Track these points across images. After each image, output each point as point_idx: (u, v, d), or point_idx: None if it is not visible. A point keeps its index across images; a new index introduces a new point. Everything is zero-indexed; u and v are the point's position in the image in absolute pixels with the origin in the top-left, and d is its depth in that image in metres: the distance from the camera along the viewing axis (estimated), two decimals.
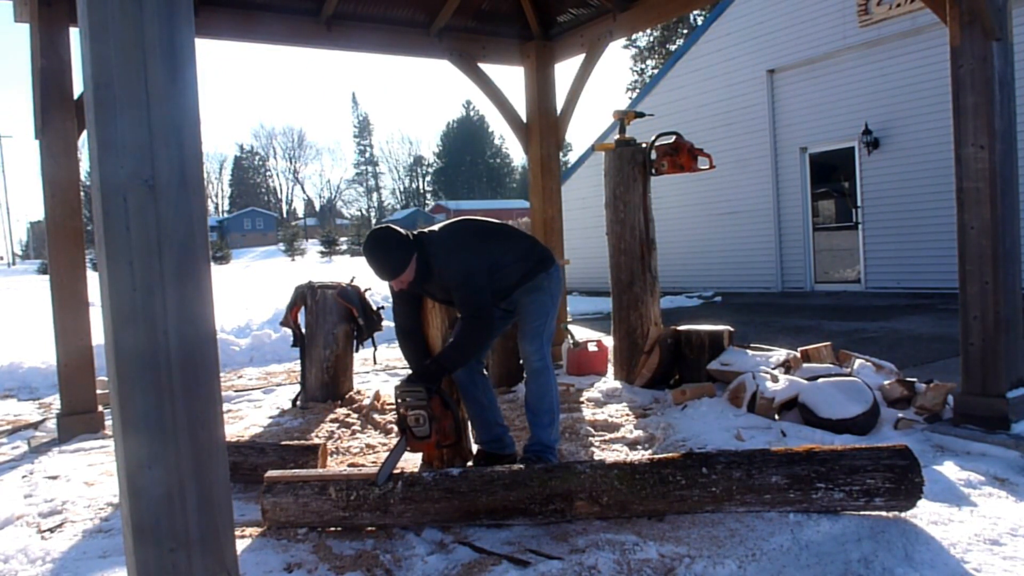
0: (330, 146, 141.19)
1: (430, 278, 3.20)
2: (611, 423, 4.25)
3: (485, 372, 3.59)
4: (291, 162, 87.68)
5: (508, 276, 3.35)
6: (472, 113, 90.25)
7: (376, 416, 4.67)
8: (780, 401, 3.92)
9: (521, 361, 3.55)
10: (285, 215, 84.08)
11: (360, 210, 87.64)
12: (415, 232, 3.24)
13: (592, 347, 5.78)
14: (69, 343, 4.74)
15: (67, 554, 2.76)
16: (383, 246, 3.10)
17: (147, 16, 1.55)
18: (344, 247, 48.83)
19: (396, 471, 2.83)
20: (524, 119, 6.74)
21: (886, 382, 4.10)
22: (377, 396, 5.10)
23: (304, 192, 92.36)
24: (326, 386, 5.21)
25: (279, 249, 55.28)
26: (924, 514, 2.67)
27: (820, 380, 3.89)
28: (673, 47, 33.97)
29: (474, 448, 3.60)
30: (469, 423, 3.56)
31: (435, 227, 3.36)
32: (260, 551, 2.63)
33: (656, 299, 5.27)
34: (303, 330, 5.34)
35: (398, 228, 3.18)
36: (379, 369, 7.04)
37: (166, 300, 1.57)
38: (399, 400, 3.06)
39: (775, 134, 13.02)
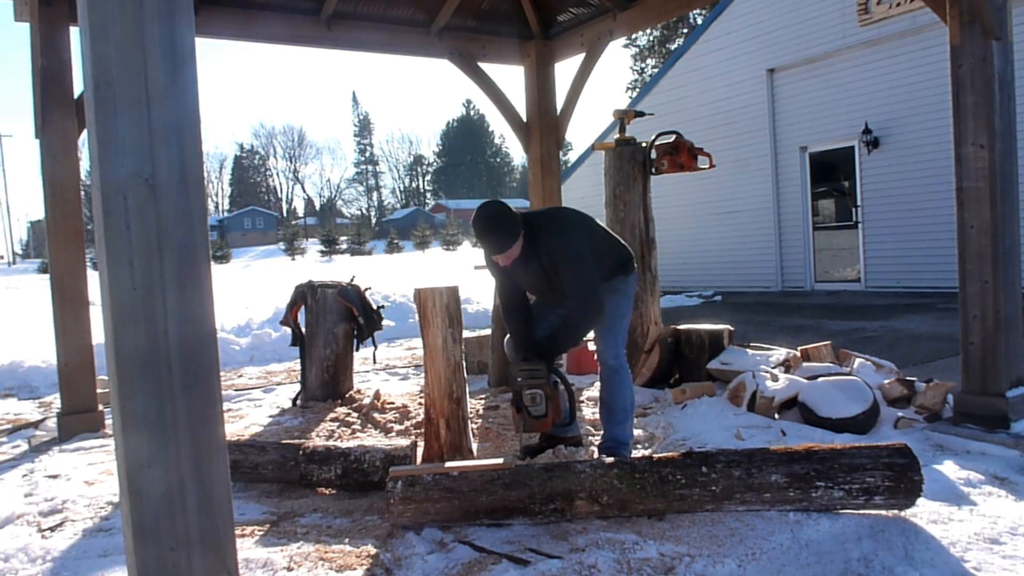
0: (330, 145, 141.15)
1: (531, 259, 3.26)
2: None
3: None
4: (291, 161, 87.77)
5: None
6: (472, 112, 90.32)
7: (376, 415, 4.67)
8: (780, 400, 3.92)
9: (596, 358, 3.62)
10: (285, 214, 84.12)
11: (360, 209, 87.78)
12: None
13: (592, 346, 5.78)
14: (69, 342, 4.75)
15: (67, 553, 2.76)
16: (497, 219, 3.17)
17: (147, 16, 1.55)
18: (344, 246, 48.88)
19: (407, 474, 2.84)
20: (524, 118, 6.74)
21: (886, 381, 4.10)
22: (377, 395, 5.10)
23: (304, 191, 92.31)
24: (326, 385, 5.21)
25: (279, 248, 55.33)
26: (924, 513, 2.67)
27: (820, 379, 3.89)
28: (673, 47, 33.97)
29: (474, 447, 3.59)
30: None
31: (530, 210, 3.48)
32: (260, 550, 2.64)
33: (656, 298, 5.27)
34: (303, 329, 5.34)
35: (506, 203, 3.28)
36: (379, 368, 7.04)
37: (166, 299, 1.57)
38: (517, 379, 3.16)
39: (775, 133, 13.01)
